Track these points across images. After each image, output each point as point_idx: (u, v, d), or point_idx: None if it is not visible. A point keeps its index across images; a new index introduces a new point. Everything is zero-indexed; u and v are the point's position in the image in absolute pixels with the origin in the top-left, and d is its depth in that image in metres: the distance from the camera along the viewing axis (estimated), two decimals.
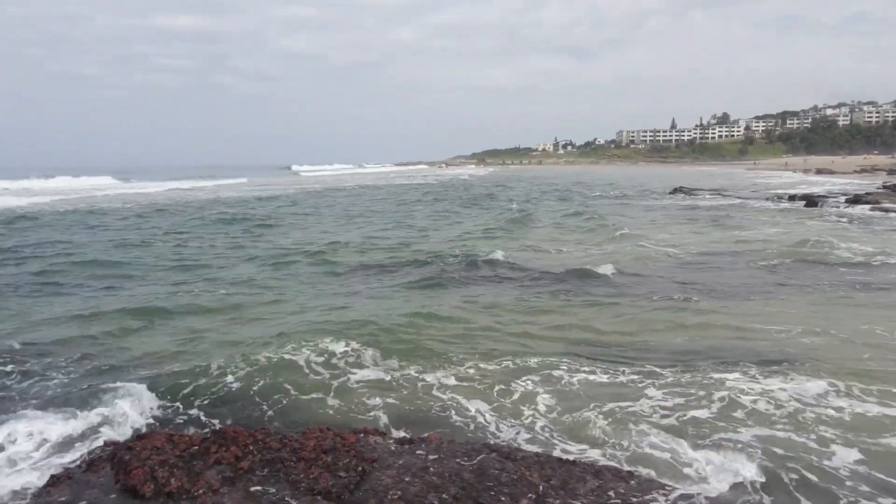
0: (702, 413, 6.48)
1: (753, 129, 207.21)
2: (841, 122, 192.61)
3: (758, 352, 8.35)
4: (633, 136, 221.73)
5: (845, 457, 5.54)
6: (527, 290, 12.62)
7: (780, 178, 66.27)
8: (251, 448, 5.46)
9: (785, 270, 14.26)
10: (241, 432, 5.68)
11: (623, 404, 6.71)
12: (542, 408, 6.75)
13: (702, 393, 6.95)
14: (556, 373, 7.72)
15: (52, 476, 5.21)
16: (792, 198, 35.84)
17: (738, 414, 6.43)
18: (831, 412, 6.40)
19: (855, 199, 31.44)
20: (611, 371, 7.77)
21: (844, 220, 24.68)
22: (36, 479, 5.31)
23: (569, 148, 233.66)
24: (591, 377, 7.58)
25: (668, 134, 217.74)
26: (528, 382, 7.41)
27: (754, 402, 6.67)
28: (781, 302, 11.32)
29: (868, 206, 28.53)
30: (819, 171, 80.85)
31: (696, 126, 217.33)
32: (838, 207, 29.70)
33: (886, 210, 26.99)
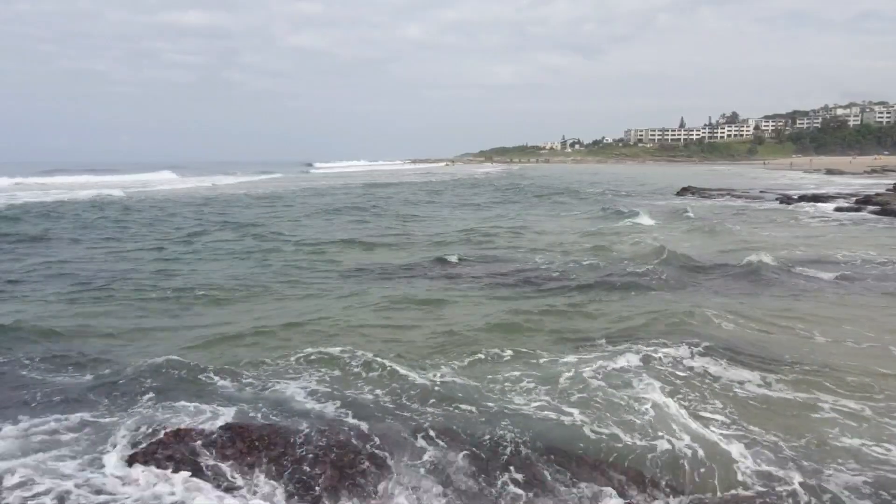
0: None
1: (763, 128, 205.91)
2: (851, 123, 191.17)
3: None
4: (641, 135, 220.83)
5: None
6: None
7: (788, 179, 65.89)
8: (257, 444, 5.50)
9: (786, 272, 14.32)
10: (247, 428, 5.72)
11: None
12: None
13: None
14: None
15: (57, 467, 5.25)
16: (802, 198, 35.67)
17: None
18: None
19: (865, 201, 31.26)
20: None
21: (850, 223, 24.59)
22: None
23: (576, 146, 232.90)
24: None
25: (676, 133, 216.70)
26: None
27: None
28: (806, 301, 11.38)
29: (877, 208, 28.42)
30: (829, 171, 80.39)
31: (705, 125, 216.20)
32: (845, 210, 29.53)
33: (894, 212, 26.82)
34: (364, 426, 6.12)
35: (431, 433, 5.93)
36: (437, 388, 7.26)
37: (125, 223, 25.55)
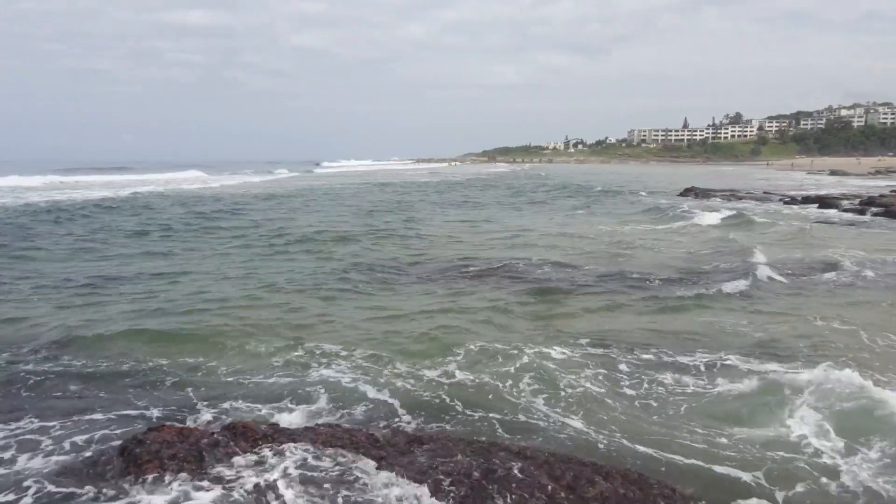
0: None
1: (766, 129, 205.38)
2: (856, 123, 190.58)
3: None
4: (644, 136, 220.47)
5: None
6: None
7: (793, 180, 65.75)
8: (260, 443, 5.49)
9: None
10: (250, 427, 5.71)
11: None
12: None
13: None
14: None
15: (64, 467, 5.25)
16: (806, 199, 35.61)
17: None
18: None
19: (869, 202, 31.21)
20: None
21: (853, 226, 24.53)
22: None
23: (579, 146, 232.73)
24: None
25: (679, 133, 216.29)
26: None
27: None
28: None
29: (881, 209, 28.40)
30: (833, 172, 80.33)
31: (709, 126, 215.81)
32: (849, 212, 29.46)
33: None
34: (374, 428, 6.12)
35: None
36: (476, 390, 7.23)
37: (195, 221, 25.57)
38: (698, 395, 7.19)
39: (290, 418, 6.54)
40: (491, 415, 6.61)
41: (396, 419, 6.54)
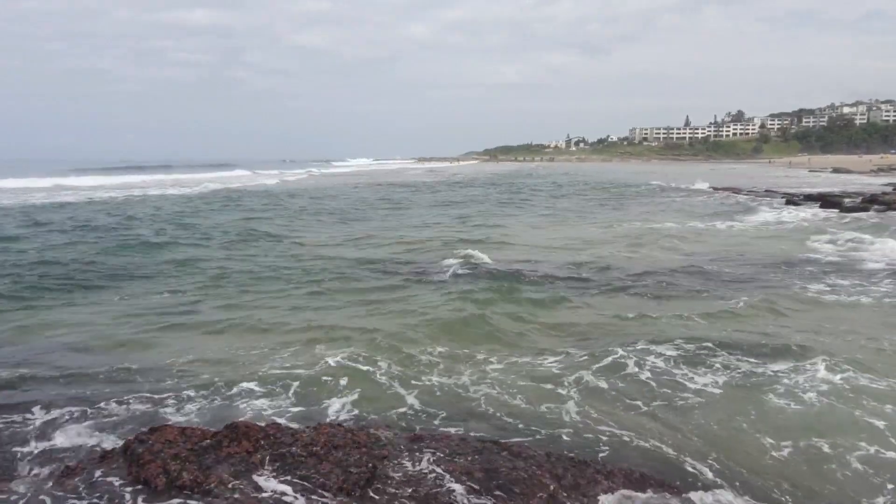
0: None
1: (769, 127, 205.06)
2: (858, 121, 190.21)
3: None
4: (646, 134, 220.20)
5: None
6: None
7: (796, 178, 65.57)
8: (262, 443, 5.49)
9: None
10: (252, 427, 5.70)
11: None
12: None
13: None
14: None
15: (67, 467, 5.26)
16: (808, 197, 35.52)
17: None
18: None
19: (871, 200, 31.12)
20: None
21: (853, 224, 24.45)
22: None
23: (581, 145, 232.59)
24: None
25: (681, 131, 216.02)
26: None
27: None
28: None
29: (884, 207, 28.34)
30: (836, 170, 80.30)
31: (711, 124, 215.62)
32: (851, 210, 29.35)
33: None
34: (376, 428, 6.11)
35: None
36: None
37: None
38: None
39: (293, 418, 6.55)
40: (494, 414, 6.60)
41: (398, 419, 6.54)
